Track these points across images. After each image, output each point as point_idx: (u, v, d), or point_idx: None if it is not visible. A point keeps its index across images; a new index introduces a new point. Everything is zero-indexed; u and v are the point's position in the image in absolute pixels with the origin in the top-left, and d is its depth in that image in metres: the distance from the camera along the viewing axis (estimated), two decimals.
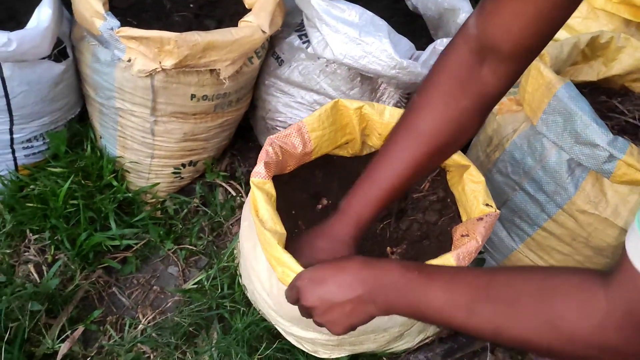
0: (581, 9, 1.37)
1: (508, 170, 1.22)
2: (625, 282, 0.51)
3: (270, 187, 0.95)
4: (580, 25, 1.38)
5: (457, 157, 1.04)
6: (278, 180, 1.04)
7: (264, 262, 0.99)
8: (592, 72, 1.29)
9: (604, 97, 1.31)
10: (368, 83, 1.31)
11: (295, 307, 0.81)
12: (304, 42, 1.32)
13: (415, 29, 1.50)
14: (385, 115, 1.08)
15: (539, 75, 1.12)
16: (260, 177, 0.95)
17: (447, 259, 0.91)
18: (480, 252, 1.34)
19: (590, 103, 1.25)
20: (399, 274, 0.71)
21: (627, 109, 1.27)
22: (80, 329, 1.21)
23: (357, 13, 1.20)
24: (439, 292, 0.67)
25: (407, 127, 0.84)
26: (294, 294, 0.79)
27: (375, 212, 0.87)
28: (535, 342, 0.60)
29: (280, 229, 0.89)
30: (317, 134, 1.05)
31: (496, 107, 1.27)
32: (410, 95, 1.35)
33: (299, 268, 0.83)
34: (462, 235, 1.00)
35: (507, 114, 1.25)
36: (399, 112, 1.08)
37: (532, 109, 1.15)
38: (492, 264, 1.36)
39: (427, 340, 1.24)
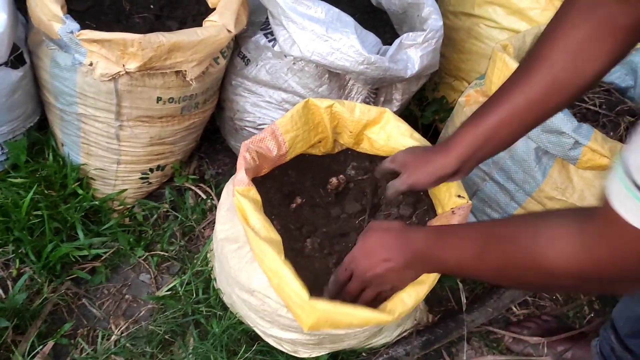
0: (540, 1, 1.40)
1: None
2: (604, 219, 0.55)
3: (254, 193, 0.94)
4: (539, 16, 1.41)
5: None
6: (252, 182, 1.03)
7: (245, 263, 0.97)
8: None
9: None
10: (336, 80, 1.31)
11: (276, 307, 0.81)
12: (270, 41, 1.31)
13: (379, 24, 1.51)
14: (356, 112, 1.08)
15: (504, 66, 1.14)
16: (243, 185, 0.93)
17: None
18: None
19: None
20: (424, 242, 0.81)
21: (587, 97, 1.30)
22: (50, 343, 1.17)
23: (323, 10, 1.20)
24: (454, 251, 0.77)
25: (526, 64, 0.82)
26: (347, 274, 0.89)
27: (479, 149, 0.88)
28: (524, 278, 0.68)
29: (275, 235, 0.88)
30: (291, 135, 1.05)
31: (463, 98, 1.30)
32: (378, 91, 1.35)
33: (296, 284, 0.82)
34: None
35: (474, 105, 1.26)
36: (369, 109, 1.08)
37: None
38: None
39: (405, 334, 1.25)
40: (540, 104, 0.82)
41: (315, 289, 0.84)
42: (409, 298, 0.90)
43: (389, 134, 1.08)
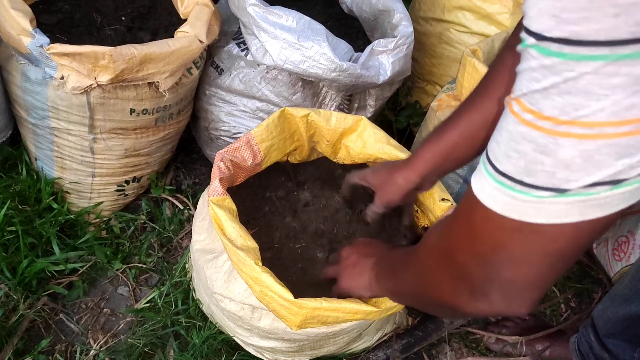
0: (507, 5, 1.42)
1: None
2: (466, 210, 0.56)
3: (229, 202, 0.94)
4: (508, 20, 1.43)
5: (405, 157, 1.05)
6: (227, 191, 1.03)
7: (224, 272, 0.97)
8: None
9: None
10: (310, 87, 1.32)
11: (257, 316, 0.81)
12: (242, 50, 1.32)
13: (351, 31, 1.52)
14: (332, 121, 1.09)
15: (474, 70, 1.16)
16: (218, 195, 0.93)
17: None
18: None
19: None
20: (374, 270, 0.87)
21: None
22: None
23: (294, 18, 1.20)
24: (389, 281, 0.82)
25: (486, 81, 0.86)
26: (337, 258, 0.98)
27: (438, 162, 0.91)
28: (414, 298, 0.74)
29: (252, 243, 0.88)
30: (266, 145, 1.05)
31: (435, 103, 1.31)
32: (351, 97, 1.36)
33: (279, 288, 0.83)
34: None
35: (446, 110, 1.28)
36: (345, 117, 1.09)
37: None
38: None
39: (385, 338, 1.26)
40: (495, 124, 0.84)
41: (296, 291, 0.85)
42: None
43: (366, 142, 1.09)
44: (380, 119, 1.62)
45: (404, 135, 1.64)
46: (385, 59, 1.27)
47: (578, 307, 1.46)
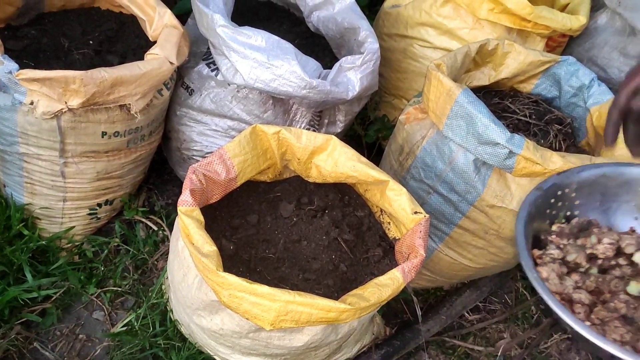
0: (467, 20, 1.48)
1: (421, 176, 1.29)
2: None
3: (198, 214, 0.95)
4: (468, 35, 1.49)
5: (376, 174, 1.08)
6: (204, 210, 1.04)
7: (195, 289, 0.98)
8: (484, 77, 1.40)
9: (497, 99, 1.42)
10: (280, 105, 1.34)
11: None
12: (212, 70, 1.33)
13: (318, 49, 1.56)
14: (303, 139, 1.11)
15: (439, 84, 1.20)
16: (187, 205, 0.94)
17: (394, 274, 0.95)
18: None
19: (486, 105, 1.35)
20: None
21: (518, 108, 1.38)
22: None
23: (263, 38, 1.23)
24: None
25: None
26: None
27: None
28: None
29: (217, 250, 0.89)
30: (240, 159, 1.06)
31: (403, 116, 1.35)
32: (321, 114, 1.39)
33: (247, 285, 0.84)
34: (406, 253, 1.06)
35: (414, 122, 1.32)
36: (315, 136, 1.11)
37: (436, 115, 1.23)
38: None
39: (364, 349, 1.28)
40: None
41: None
42: (372, 296, 0.92)
43: (337, 160, 1.11)
44: (350, 134, 1.65)
45: (373, 149, 1.67)
46: (353, 75, 1.31)
47: (548, 309, 1.51)
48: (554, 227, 0.90)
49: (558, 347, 1.43)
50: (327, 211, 1.17)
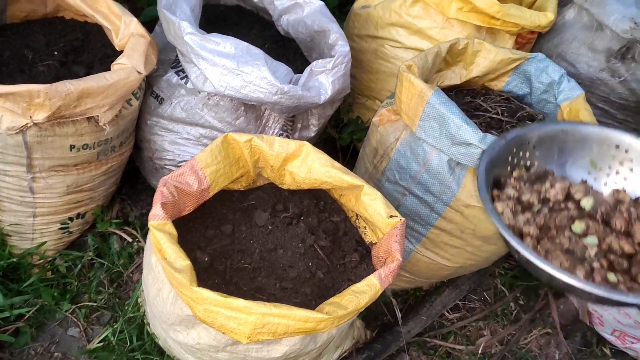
0: (437, 20, 1.48)
1: (396, 178, 1.29)
2: None
3: (170, 227, 0.93)
4: (438, 34, 1.49)
5: (350, 179, 1.07)
6: (177, 222, 1.02)
7: (170, 304, 0.96)
8: (455, 77, 1.40)
9: (469, 98, 1.42)
10: (252, 111, 1.32)
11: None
12: (182, 78, 1.31)
13: (289, 52, 1.54)
14: (275, 146, 1.10)
15: (411, 85, 1.19)
16: (159, 219, 0.92)
17: (371, 280, 0.95)
18: None
19: (458, 104, 1.35)
20: None
21: (490, 106, 1.39)
22: None
23: (232, 44, 1.21)
24: None
25: None
26: None
27: None
28: None
29: (190, 264, 0.88)
30: (212, 170, 1.05)
31: (376, 118, 1.35)
32: (294, 118, 1.38)
33: (222, 299, 0.82)
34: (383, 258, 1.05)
35: (387, 124, 1.32)
36: (288, 142, 1.10)
37: (409, 117, 1.23)
38: None
39: (345, 354, 1.27)
40: None
41: None
42: (349, 303, 0.91)
43: (310, 166, 1.10)
44: (324, 137, 1.64)
45: (348, 152, 1.67)
46: (324, 79, 1.30)
47: (526, 304, 1.52)
48: (515, 173, 0.95)
49: (538, 342, 1.44)
50: (302, 218, 1.16)
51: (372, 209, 1.07)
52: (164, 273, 0.95)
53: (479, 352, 1.38)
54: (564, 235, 0.89)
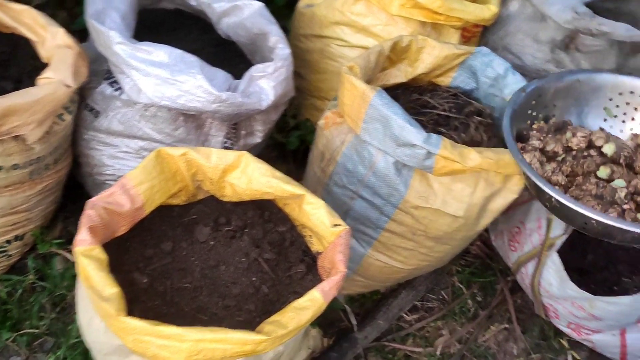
0: (380, 17, 1.45)
1: (344, 182, 1.26)
2: None
3: (99, 252, 0.88)
4: (383, 31, 1.46)
5: (291, 189, 1.04)
6: (113, 242, 0.98)
7: (102, 333, 0.91)
8: (401, 74, 1.38)
9: (416, 95, 1.40)
10: (192, 120, 1.28)
11: None
12: (116, 90, 1.26)
13: (231, 56, 1.50)
14: (213, 158, 1.05)
15: (353, 87, 1.16)
16: (85, 245, 0.88)
17: (313, 295, 0.92)
18: None
19: (405, 102, 1.33)
20: None
21: (437, 103, 1.37)
22: None
23: (165, 53, 1.16)
24: None
25: None
26: None
27: None
28: None
29: (118, 292, 0.83)
30: (146, 187, 1.00)
31: (322, 121, 1.31)
32: (237, 126, 1.34)
33: (152, 328, 0.78)
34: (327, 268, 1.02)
35: (332, 127, 1.28)
36: (226, 154, 1.06)
37: (352, 119, 1.20)
38: (347, 273, 1.39)
39: None
40: None
41: None
42: (290, 321, 0.88)
43: (251, 177, 1.06)
44: (272, 143, 1.60)
45: (299, 155, 1.63)
46: (265, 84, 1.26)
47: (484, 300, 1.51)
48: (535, 126, 0.97)
49: (496, 339, 1.43)
50: (246, 230, 1.12)
51: (315, 218, 1.04)
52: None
53: (438, 352, 1.37)
54: (591, 182, 0.92)
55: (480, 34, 1.57)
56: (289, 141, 1.57)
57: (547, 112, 0.98)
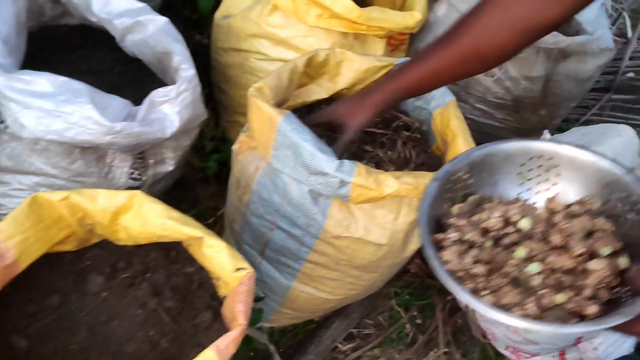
0: (299, 28, 1.35)
1: (261, 211, 1.16)
2: None
3: None
4: (303, 43, 1.37)
5: (189, 231, 0.94)
6: None
7: None
8: (322, 90, 1.28)
9: None
10: (91, 152, 1.16)
11: None
12: (1, 122, 1.13)
13: (143, 74, 1.37)
14: (100, 201, 0.94)
15: (260, 111, 1.07)
16: None
17: (207, 355, 0.82)
18: (259, 299, 1.27)
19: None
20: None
21: None
22: None
23: (47, 81, 1.04)
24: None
25: (454, 35, 0.94)
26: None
27: (401, 95, 1.05)
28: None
29: None
30: (18, 239, 0.89)
31: (236, 145, 1.21)
32: (144, 154, 1.23)
33: None
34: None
35: (247, 152, 1.19)
36: (116, 194, 0.95)
37: (263, 146, 1.10)
38: (273, 306, 1.30)
39: None
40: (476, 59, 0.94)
41: None
42: None
43: (145, 219, 0.95)
44: (189, 168, 1.49)
45: (225, 175, 1.52)
46: (169, 109, 1.15)
47: (423, 323, 1.43)
48: (455, 208, 0.94)
49: None
50: (148, 274, 1.01)
51: (216, 262, 0.94)
52: None
53: None
54: (510, 264, 0.87)
55: (408, 41, 1.48)
56: (207, 165, 1.46)
57: (464, 191, 0.95)
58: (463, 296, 0.80)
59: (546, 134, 1.29)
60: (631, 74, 1.96)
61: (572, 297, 0.81)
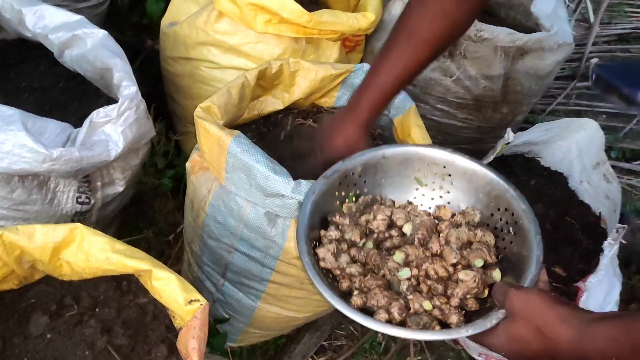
0: (249, 35, 1.29)
1: (217, 234, 1.11)
2: None
3: None
4: (254, 50, 1.30)
5: (135, 264, 0.88)
6: None
7: None
8: (278, 101, 1.23)
9: (299, 119, 1.26)
10: (31, 180, 1.09)
11: None
12: None
13: (89, 90, 1.30)
14: (37, 237, 0.88)
15: (207, 133, 1.01)
16: None
17: None
18: (224, 321, 1.23)
19: (289, 128, 1.20)
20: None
21: None
22: None
23: None
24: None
25: (408, 34, 0.93)
26: None
27: (380, 110, 1.02)
28: None
29: None
30: None
31: (188, 164, 1.16)
32: (90, 178, 1.16)
33: None
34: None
35: (199, 173, 1.13)
36: (54, 229, 0.88)
37: (215, 168, 1.04)
38: (240, 327, 1.25)
39: None
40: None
41: None
42: None
43: (87, 253, 0.89)
44: (143, 188, 1.42)
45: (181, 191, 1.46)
46: (112, 130, 1.08)
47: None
48: (344, 207, 0.93)
49: None
50: (97, 310, 0.95)
51: (167, 295, 0.88)
52: None
53: None
54: (386, 267, 0.86)
55: (364, 42, 1.43)
56: (161, 183, 1.40)
57: (357, 190, 0.93)
58: (325, 294, 0.79)
59: (509, 132, 1.25)
60: (595, 60, 1.94)
61: (441, 305, 0.81)
